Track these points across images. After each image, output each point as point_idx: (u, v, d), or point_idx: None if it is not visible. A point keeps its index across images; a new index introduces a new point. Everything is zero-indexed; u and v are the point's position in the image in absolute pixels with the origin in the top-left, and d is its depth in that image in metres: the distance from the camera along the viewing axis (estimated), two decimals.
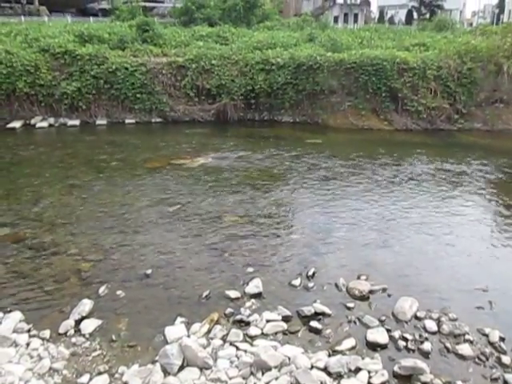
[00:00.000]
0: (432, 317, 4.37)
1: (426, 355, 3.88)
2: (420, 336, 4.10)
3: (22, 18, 24.11)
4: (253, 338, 3.98)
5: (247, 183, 8.54)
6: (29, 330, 4.02)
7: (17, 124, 13.98)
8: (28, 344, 3.82)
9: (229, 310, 4.38)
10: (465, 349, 3.93)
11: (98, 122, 14.65)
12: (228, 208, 7.21)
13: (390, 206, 7.43)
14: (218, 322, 4.18)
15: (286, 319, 4.26)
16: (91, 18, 25.97)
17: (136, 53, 15.55)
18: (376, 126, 14.37)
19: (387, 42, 17.68)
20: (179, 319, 4.20)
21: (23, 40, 15.81)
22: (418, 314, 4.40)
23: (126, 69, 14.70)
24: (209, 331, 4.04)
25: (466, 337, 4.09)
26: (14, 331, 3.96)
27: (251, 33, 19.48)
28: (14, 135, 13.11)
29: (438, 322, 4.30)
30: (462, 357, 3.87)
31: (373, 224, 6.67)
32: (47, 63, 14.60)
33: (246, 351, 3.75)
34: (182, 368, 3.53)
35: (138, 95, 14.81)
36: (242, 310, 4.40)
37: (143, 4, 25.71)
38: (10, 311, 4.27)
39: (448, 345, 4.00)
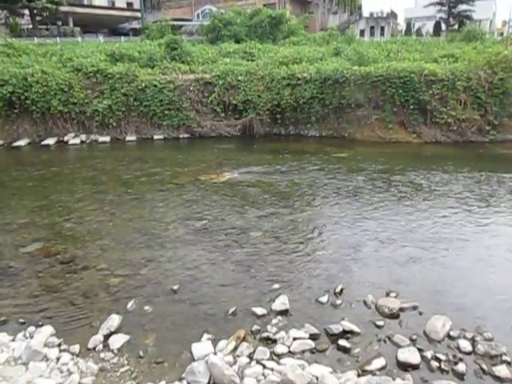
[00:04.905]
0: (466, 336, 4.19)
1: (460, 377, 3.71)
2: (454, 356, 3.93)
3: (58, 38, 25.14)
4: (280, 356, 3.92)
5: (273, 198, 8.53)
6: (59, 345, 4.07)
7: (51, 141, 14.53)
8: (58, 358, 3.87)
9: (255, 327, 4.33)
10: (502, 370, 3.74)
11: (128, 138, 15.04)
12: (254, 223, 7.20)
13: (420, 222, 7.24)
14: (244, 340, 4.13)
15: (313, 337, 4.17)
16: (122, 38, 26.84)
17: (165, 70, 15.99)
18: (404, 139, 14.18)
19: (415, 54, 17.51)
20: (206, 336, 4.18)
21: (58, 60, 16.53)
22: (452, 334, 4.22)
23: (155, 86, 15.10)
24: (235, 348, 3.99)
25: (503, 358, 3.89)
26: (45, 345, 4.02)
27: (277, 48, 19.70)
28: (48, 152, 13.60)
29: (473, 341, 4.11)
30: (498, 379, 3.68)
31: (402, 239, 6.52)
32: (80, 82, 15.19)
33: (272, 370, 3.68)
34: None
35: (167, 111, 15.16)
36: (269, 327, 4.34)
37: (172, 23, 26.39)
38: (42, 325, 4.34)
39: (484, 366, 3.81)
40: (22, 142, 14.42)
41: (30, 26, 31.19)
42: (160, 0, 44.95)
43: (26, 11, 30.61)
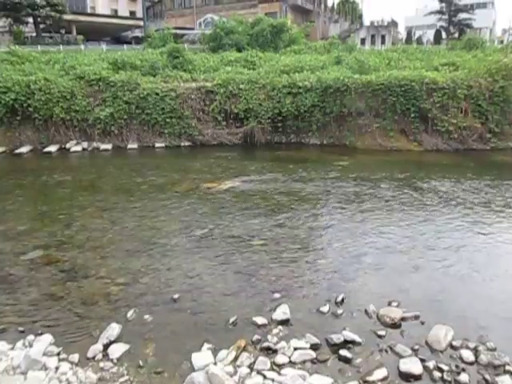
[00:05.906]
0: (469, 346, 4.15)
1: None
2: (456, 366, 3.89)
3: (61, 46, 25.32)
4: (280, 366, 3.88)
5: (275, 207, 8.51)
6: (58, 354, 4.04)
7: (53, 148, 14.57)
8: (57, 368, 3.84)
9: (256, 337, 4.30)
10: (506, 381, 3.69)
11: (130, 146, 15.07)
12: (255, 232, 7.18)
13: (422, 230, 7.22)
14: (244, 349, 4.10)
15: (314, 347, 4.14)
16: (125, 46, 27.01)
17: (166, 79, 16.04)
18: (405, 147, 14.17)
19: (415, 63, 17.54)
20: (206, 345, 4.15)
21: (61, 68, 16.64)
22: (454, 343, 4.19)
23: (157, 94, 15.15)
24: (236, 359, 3.96)
25: (507, 368, 3.85)
26: (45, 354, 3.99)
27: (278, 57, 19.75)
28: (50, 159, 13.64)
29: (476, 351, 4.07)
30: None
31: (403, 248, 6.50)
32: (82, 90, 15.26)
33: (273, 380, 3.65)
34: None
35: (168, 120, 15.19)
36: (270, 337, 4.31)
37: (174, 31, 26.55)
38: (41, 334, 4.32)
39: (487, 376, 3.77)
40: (24, 149, 14.47)
41: (34, 34, 31.46)
42: (162, 9, 45.37)
43: (30, 19, 30.91)
